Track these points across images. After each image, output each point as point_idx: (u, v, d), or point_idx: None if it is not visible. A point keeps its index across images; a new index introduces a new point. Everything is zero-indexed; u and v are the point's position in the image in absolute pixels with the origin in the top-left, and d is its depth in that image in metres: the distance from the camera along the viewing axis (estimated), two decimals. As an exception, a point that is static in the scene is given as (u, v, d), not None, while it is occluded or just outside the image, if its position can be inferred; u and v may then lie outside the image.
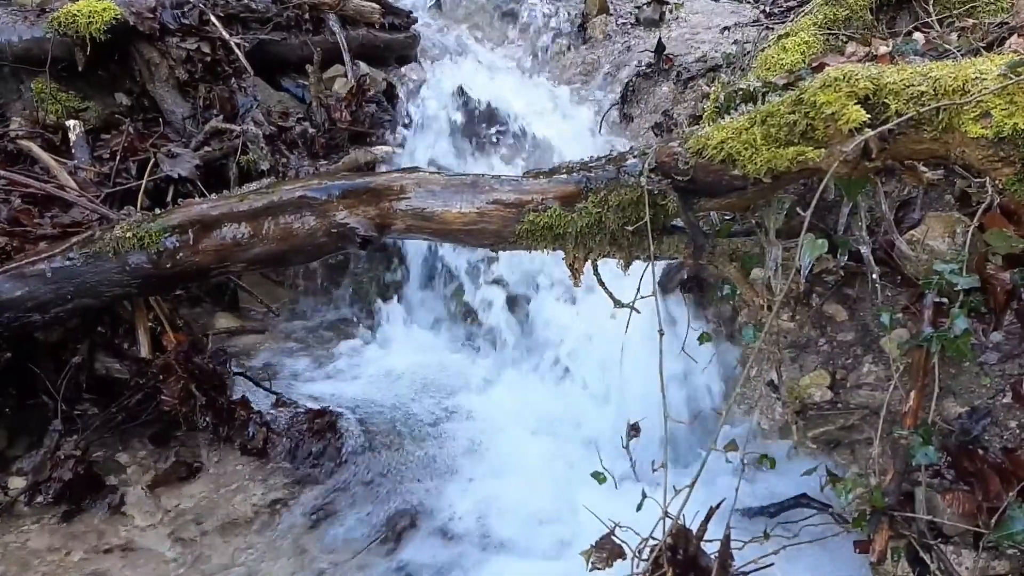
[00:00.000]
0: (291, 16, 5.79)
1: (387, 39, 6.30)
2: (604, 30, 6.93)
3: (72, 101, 5.12)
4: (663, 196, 3.01)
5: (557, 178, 3.23)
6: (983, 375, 3.27)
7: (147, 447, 4.04)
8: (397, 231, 3.45)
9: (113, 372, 4.06)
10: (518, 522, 3.86)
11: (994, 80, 2.40)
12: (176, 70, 5.17)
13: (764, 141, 2.74)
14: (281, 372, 4.69)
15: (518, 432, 4.41)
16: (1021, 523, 2.76)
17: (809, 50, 4.27)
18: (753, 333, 3.42)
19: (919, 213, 3.62)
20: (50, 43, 5.00)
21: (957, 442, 3.15)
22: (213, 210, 3.61)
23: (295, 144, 5.28)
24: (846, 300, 3.78)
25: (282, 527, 3.77)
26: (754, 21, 6.16)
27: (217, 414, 4.04)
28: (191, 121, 5.21)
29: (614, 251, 3.22)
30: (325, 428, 4.11)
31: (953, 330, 3.08)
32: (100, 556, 3.58)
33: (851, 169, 2.60)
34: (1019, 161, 2.39)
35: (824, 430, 3.69)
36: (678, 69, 5.95)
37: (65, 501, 3.73)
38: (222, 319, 4.90)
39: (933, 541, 2.97)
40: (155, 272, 3.61)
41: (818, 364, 3.75)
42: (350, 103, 5.54)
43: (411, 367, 4.92)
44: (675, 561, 2.81)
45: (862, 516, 3.02)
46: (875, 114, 2.54)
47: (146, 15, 5.05)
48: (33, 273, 3.59)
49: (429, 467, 4.16)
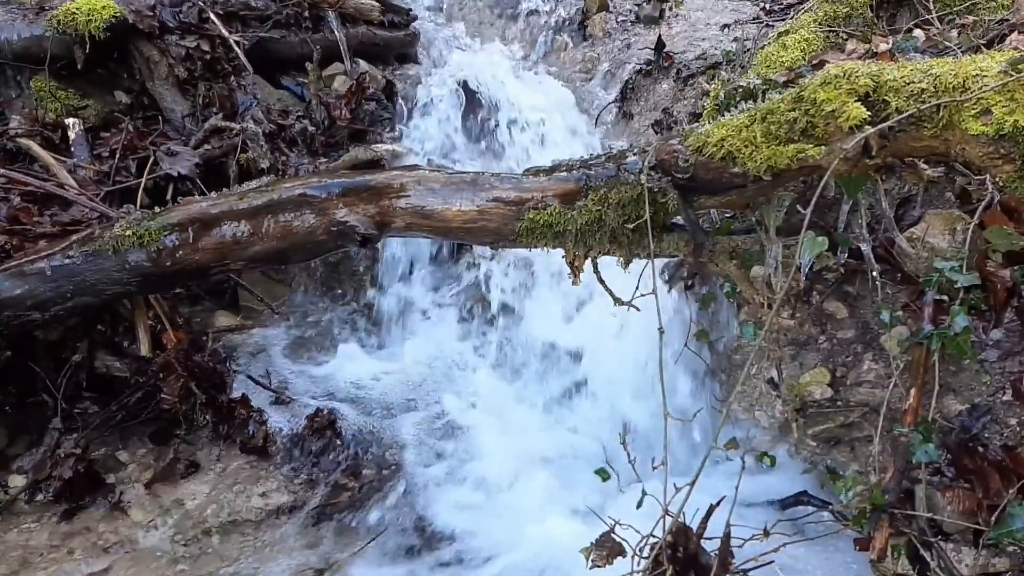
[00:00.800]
0: (290, 14, 5.77)
1: (386, 37, 6.29)
2: (604, 27, 6.93)
3: (71, 99, 5.10)
4: (663, 194, 3.01)
5: (557, 176, 3.22)
6: (983, 373, 3.28)
7: (147, 445, 4.04)
8: (397, 229, 3.44)
9: (113, 370, 4.06)
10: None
11: (994, 77, 2.40)
12: (175, 68, 5.16)
13: (764, 139, 2.74)
14: (281, 370, 4.67)
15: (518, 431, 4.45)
16: (1021, 520, 2.77)
17: (809, 47, 4.27)
18: (753, 331, 3.42)
19: (919, 210, 3.63)
20: (49, 41, 4.98)
21: (957, 440, 3.15)
22: (213, 208, 3.60)
23: (295, 142, 5.27)
24: (846, 298, 3.78)
25: (282, 525, 3.78)
26: (754, 18, 6.15)
27: (217, 412, 4.04)
28: (190, 119, 5.19)
29: (614, 249, 3.21)
30: (325, 426, 4.11)
31: (953, 328, 3.09)
32: (100, 554, 3.58)
33: (851, 166, 2.60)
34: (1019, 158, 2.39)
35: (824, 428, 3.70)
36: (678, 66, 5.94)
37: (65, 499, 3.73)
38: (222, 317, 4.89)
39: (933, 539, 2.98)
40: (155, 270, 3.61)
41: (818, 362, 3.75)
42: (350, 101, 5.54)
43: (412, 364, 4.93)
44: (675, 559, 2.81)
45: (862, 514, 3.03)
46: (875, 111, 2.54)
47: (145, 13, 5.04)
48: (33, 271, 3.59)
49: (430, 463, 4.17)
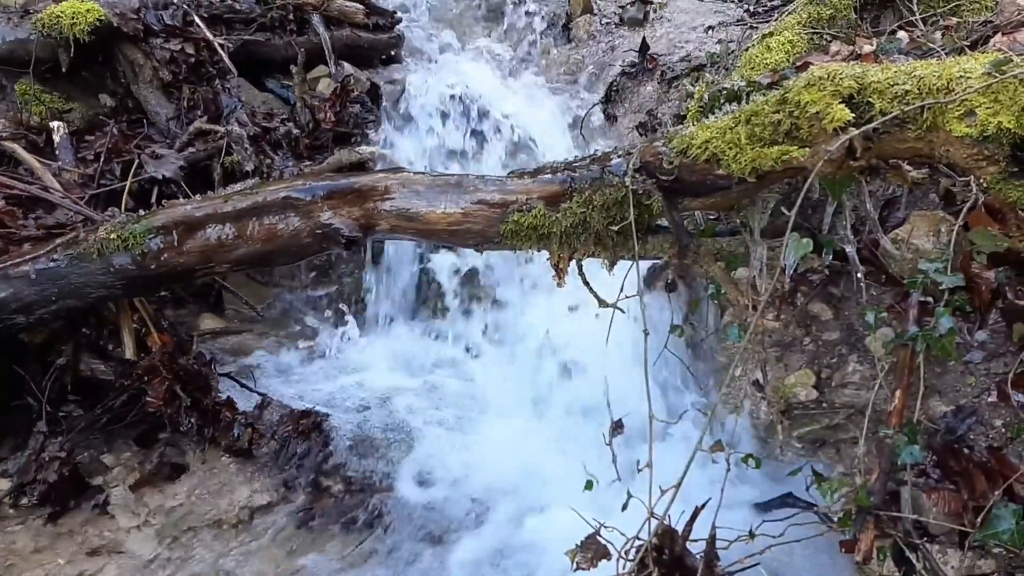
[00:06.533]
0: (275, 17, 5.77)
1: (371, 39, 6.29)
2: (588, 30, 6.93)
3: (56, 102, 5.09)
4: (648, 196, 3.01)
5: (542, 178, 3.22)
6: (968, 374, 3.28)
7: (132, 448, 4.03)
8: (382, 232, 3.44)
9: (98, 373, 4.04)
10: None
11: (978, 79, 2.41)
12: (160, 71, 5.15)
13: (748, 140, 2.74)
14: (267, 372, 4.67)
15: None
16: (1007, 522, 2.77)
17: (793, 49, 4.28)
18: (738, 333, 3.42)
19: (904, 212, 3.64)
20: (34, 44, 4.97)
21: (943, 441, 3.16)
22: (197, 211, 3.59)
23: (279, 145, 5.27)
24: (831, 299, 3.79)
25: (267, 527, 3.78)
26: (738, 20, 6.16)
27: (202, 415, 4.02)
28: (175, 122, 5.18)
29: (599, 251, 3.21)
30: (311, 428, 4.11)
31: (938, 329, 3.09)
32: (85, 557, 3.57)
33: (836, 168, 2.61)
34: (1003, 159, 2.40)
35: (809, 429, 3.70)
36: (662, 68, 5.96)
37: (50, 503, 3.72)
38: (207, 320, 4.88)
39: (919, 540, 2.99)
40: (139, 273, 3.60)
41: (803, 363, 3.75)
42: (334, 104, 5.54)
43: (395, 362, 4.96)
44: (661, 561, 2.81)
45: (848, 515, 3.03)
46: (859, 113, 2.55)
47: (130, 16, 5.03)
48: (17, 275, 3.57)
49: (412, 462, 4.18)
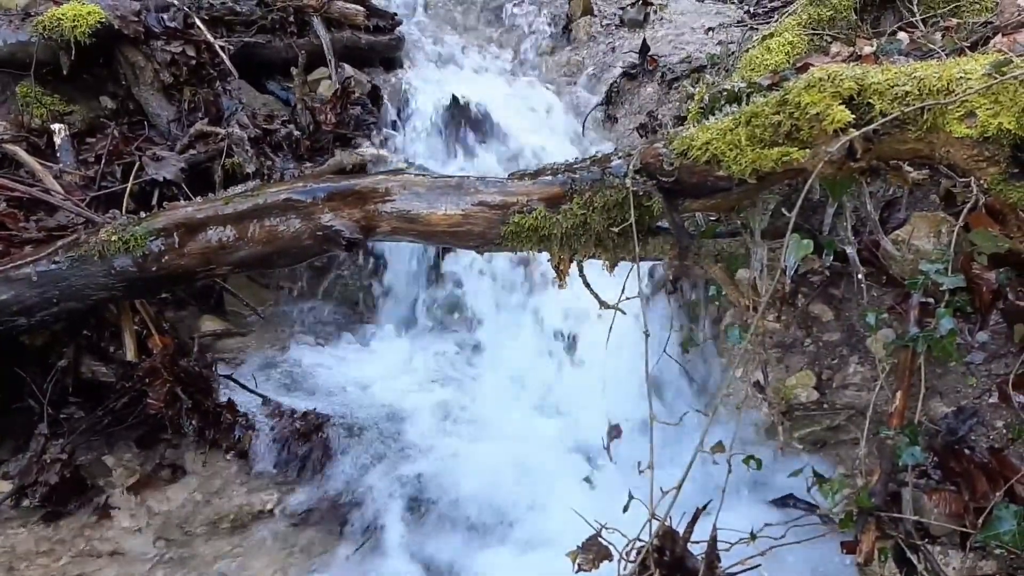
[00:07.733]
0: (276, 19, 5.78)
1: (371, 41, 6.29)
2: (589, 31, 6.94)
3: (57, 104, 5.09)
4: (648, 197, 3.01)
5: (542, 180, 3.22)
6: (969, 375, 3.28)
7: (133, 450, 4.03)
8: (382, 233, 3.44)
9: (99, 375, 4.04)
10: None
11: (979, 80, 2.41)
12: (161, 73, 5.15)
13: (749, 142, 2.74)
14: (268, 374, 4.66)
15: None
16: (1008, 523, 2.77)
17: (793, 50, 4.27)
18: (739, 334, 3.42)
19: (904, 213, 3.64)
20: (35, 47, 4.98)
21: (944, 442, 3.15)
22: (198, 213, 3.60)
23: (280, 147, 5.27)
24: (832, 300, 3.78)
25: (267, 529, 3.77)
26: (739, 22, 6.16)
27: (203, 417, 4.03)
28: (176, 124, 5.19)
29: (599, 252, 3.21)
30: (311, 430, 4.10)
31: (939, 330, 3.09)
32: (86, 559, 3.57)
33: (836, 169, 2.61)
34: (1004, 160, 2.40)
35: (810, 431, 3.70)
36: (663, 70, 5.95)
37: (51, 504, 3.72)
38: (208, 322, 4.88)
39: (920, 541, 2.98)
40: (140, 275, 3.60)
41: (804, 364, 3.75)
42: (335, 105, 5.54)
43: (399, 367, 4.94)
44: (662, 563, 2.81)
45: (849, 517, 3.03)
46: (860, 114, 2.55)
47: (131, 19, 5.04)
48: (18, 277, 3.58)
49: (413, 465, 4.17)
